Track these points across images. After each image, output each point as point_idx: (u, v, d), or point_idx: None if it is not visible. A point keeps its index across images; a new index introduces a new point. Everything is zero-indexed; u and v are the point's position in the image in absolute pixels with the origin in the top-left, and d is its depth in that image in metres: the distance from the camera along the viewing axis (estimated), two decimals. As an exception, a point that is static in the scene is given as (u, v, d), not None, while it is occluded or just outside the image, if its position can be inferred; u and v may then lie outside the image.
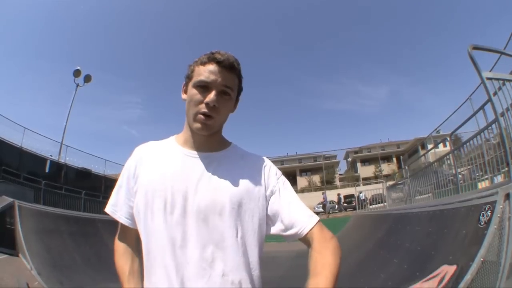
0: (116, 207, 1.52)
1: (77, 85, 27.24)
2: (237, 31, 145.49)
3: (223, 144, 1.56)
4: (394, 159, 64.83)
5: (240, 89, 1.51)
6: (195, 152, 1.46)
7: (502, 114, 4.58)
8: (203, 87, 1.37)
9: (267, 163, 1.57)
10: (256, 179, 1.47)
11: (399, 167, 38.97)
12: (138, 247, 1.50)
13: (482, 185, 6.74)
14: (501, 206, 3.56)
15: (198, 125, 1.37)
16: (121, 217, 1.50)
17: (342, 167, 79.17)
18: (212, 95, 1.34)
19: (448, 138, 9.77)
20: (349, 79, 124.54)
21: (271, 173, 1.54)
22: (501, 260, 3.28)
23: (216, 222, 1.32)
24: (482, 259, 3.39)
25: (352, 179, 63.74)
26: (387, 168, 61.82)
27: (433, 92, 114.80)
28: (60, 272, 7.59)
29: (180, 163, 1.42)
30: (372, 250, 8.53)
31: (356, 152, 73.02)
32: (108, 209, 1.54)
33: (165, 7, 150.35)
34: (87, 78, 27.87)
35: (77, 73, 27.10)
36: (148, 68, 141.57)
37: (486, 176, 6.33)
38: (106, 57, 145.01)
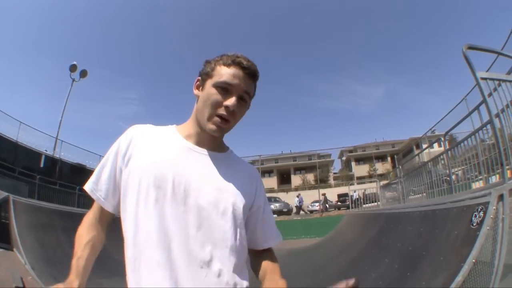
0: (97, 185, 1.43)
1: (73, 80, 27.32)
2: (234, 28, 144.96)
3: (224, 147, 1.56)
4: (389, 159, 64.55)
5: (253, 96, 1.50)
6: (201, 149, 1.43)
7: (497, 115, 4.58)
8: (224, 89, 1.35)
9: (259, 175, 1.62)
10: (251, 187, 1.51)
11: (394, 166, 38.91)
12: (106, 232, 1.46)
13: (476, 185, 6.74)
14: (494, 207, 3.57)
15: (213, 126, 1.35)
16: (100, 198, 1.42)
17: (337, 166, 79.16)
18: (233, 100, 1.33)
19: (442, 138, 9.76)
20: (345, 78, 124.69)
21: (261, 188, 1.58)
22: (495, 261, 3.30)
23: (218, 222, 1.31)
24: (474, 260, 3.40)
25: (346, 178, 63.65)
26: (381, 167, 61.76)
27: (430, 92, 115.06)
28: (53, 267, 7.59)
29: (184, 155, 1.39)
30: (364, 249, 8.54)
31: (350, 151, 72.85)
32: (88, 186, 1.45)
33: (161, 3, 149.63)
34: (83, 73, 27.98)
35: (73, 68, 27.16)
36: (145, 65, 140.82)
37: (481, 177, 6.33)
38: (103, 53, 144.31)
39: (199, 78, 1.46)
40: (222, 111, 1.33)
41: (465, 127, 8.46)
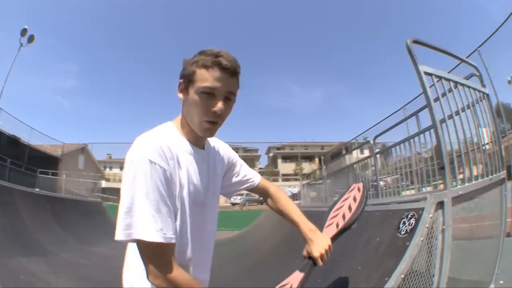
0: (166, 230, 1.27)
1: (21, 45, 25.84)
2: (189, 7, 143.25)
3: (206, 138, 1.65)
4: (317, 160, 65.97)
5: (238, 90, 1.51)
6: (201, 150, 1.57)
7: (443, 121, 4.06)
8: (209, 93, 1.36)
9: (227, 147, 1.87)
10: (223, 164, 1.79)
11: (320, 167, 39.77)
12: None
13: (406, 193, 6.58)
14: (430, 216, 3.01)
15: (206, 132, 1.45)
16: (173, 239, 1.31)
17: (263, 162, 79.79)
18: (220, 104, 1.37)
19: (372, 142, 9.57)
20: (283, 76, 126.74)
21: (232, 155, 1.87)
22: (434, 278, 2.84)
23: (216, 212, 1.68)
24: (402, 275, 2.76)
25: (272, 174, 64.26)
26: (308, 167, 62.70)
27: (371, 101, 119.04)
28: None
29: (198, 163, 1.52)
30: (276, 245, 8.48)
31: (278, 148, 74.08)
32: (156, 236, 1.22)
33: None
34: (30, 39, 26.50)
35: (24, 32, 25.81)
36: (91, 37, 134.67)
37: (413, 186, 6.00)
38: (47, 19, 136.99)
39: (181, 81, 1.45)
40: (210, 116, 1.38)
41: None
